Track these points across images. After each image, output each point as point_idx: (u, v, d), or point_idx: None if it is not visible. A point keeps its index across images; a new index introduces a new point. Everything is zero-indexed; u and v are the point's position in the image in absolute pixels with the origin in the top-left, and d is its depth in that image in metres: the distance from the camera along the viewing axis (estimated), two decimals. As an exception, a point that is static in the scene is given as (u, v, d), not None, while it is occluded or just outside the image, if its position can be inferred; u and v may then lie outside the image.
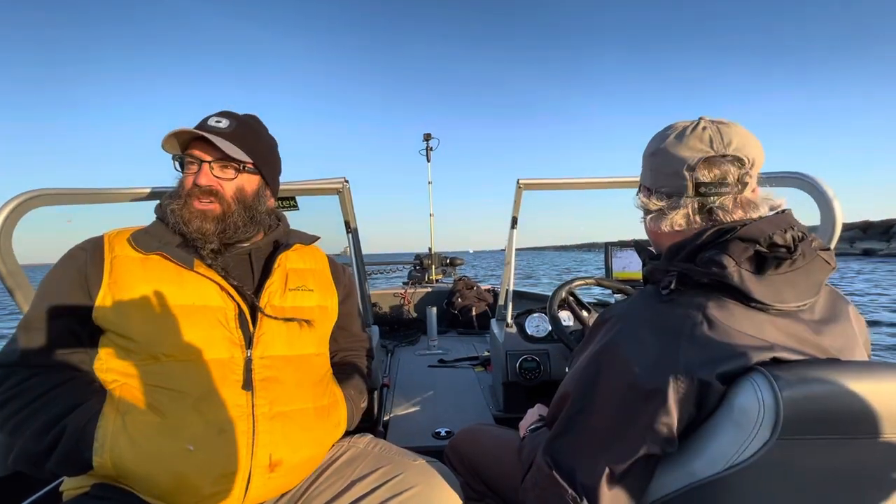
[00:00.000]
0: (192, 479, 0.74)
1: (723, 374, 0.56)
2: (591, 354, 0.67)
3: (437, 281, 4.29)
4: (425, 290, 3.65)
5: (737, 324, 0.59)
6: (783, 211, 0.68)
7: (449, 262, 4.62)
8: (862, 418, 0.52)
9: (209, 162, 0.90)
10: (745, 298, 0.60)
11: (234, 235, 0.92)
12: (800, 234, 0.63)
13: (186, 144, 0.93)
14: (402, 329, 3.21)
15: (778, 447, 0.52)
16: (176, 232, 0.89)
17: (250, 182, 0.95)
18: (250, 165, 0.94)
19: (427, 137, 4.67)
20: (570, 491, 0.62)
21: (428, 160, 4.72)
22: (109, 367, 0.80)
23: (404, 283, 4.04)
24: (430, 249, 4.63)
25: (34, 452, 0.73)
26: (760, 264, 0.61)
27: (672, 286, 0.63)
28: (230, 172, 0.93)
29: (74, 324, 0.81)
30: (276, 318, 0.90)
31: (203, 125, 0.92)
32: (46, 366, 0.79)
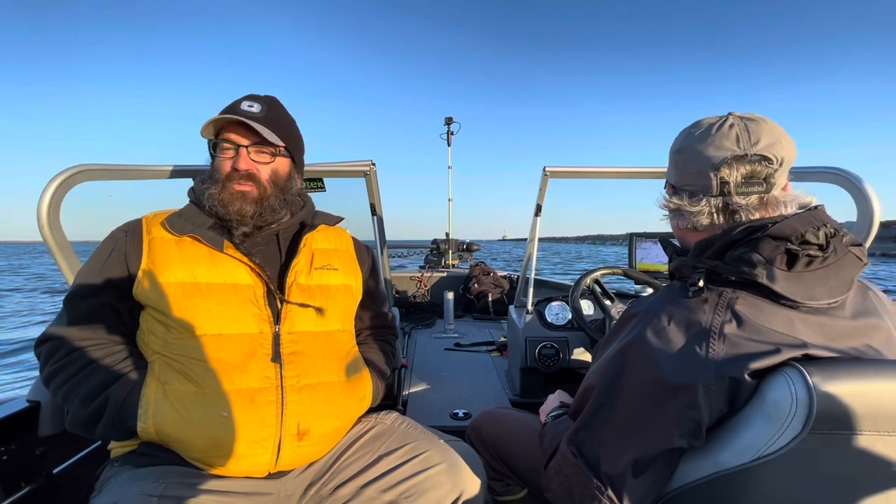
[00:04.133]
0: (227, 443, 0.79)
1: (754, 371, 0.56)
2: (618, 348, 0.67)
3: (453, 266, 4.32)
4: (441, 274, 3.68)
5: (767, 321, 0.59)
6: (816, 207, 0.67)
7: (465, 247, 4.64)
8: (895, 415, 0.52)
9: (246, 146, 0.93)
10: (775, 296, 0.60)
11: (270, 217, 0.95)
12: (832, 231, 0.62)
13: (220, 129, 0.95)
14: (419, 312, 3.26)
15: (808, 441, 0.53)
16: (213, 215, 0.92)
17: (283, 165, 0.99)
18: (283, 149, 0.97)
19: (448, 121, 4.63)
20: (594, 480, 0.63)
21: (448, 144, 4.70)
22: (149, 340, 0.85)
23: (421, 267, 4.07)
24: (447, 234, 4.65)
25: (82, 418, 0.80)
26: (791, 262, 0.60)
27: (700, 283, 0.63)
28: (266, 157, 0.95)
29: (116, 300, 0.86)
30: (297, 304, 0.92)
31: (237, 110, 0.94)
32: (90, 338, 0.84)
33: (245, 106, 0.94)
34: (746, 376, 0.56)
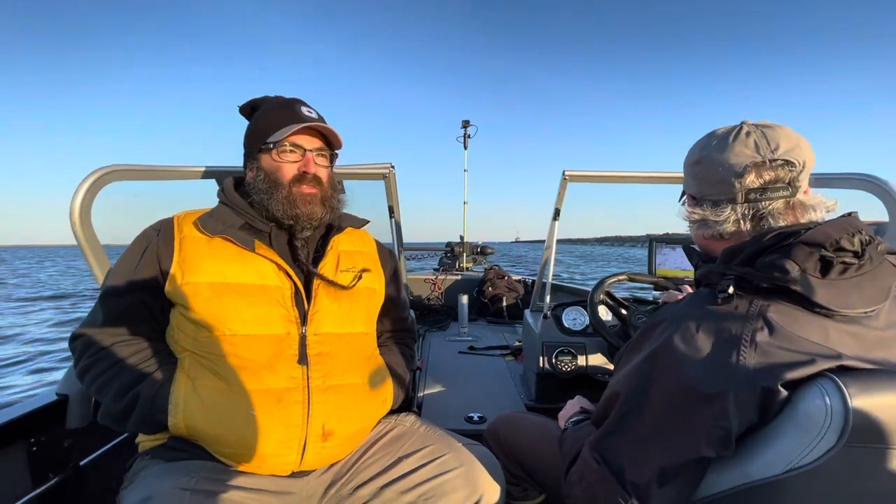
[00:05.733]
0: (255, 441, 0.80)
1: (787, 381, 0.55)
2: (645, 355, 0.67)
3: (467, 269, 4.31)
4: (455, 277, 3.67)
5: (800, 330, 0.58)
6: (850, 214, 0.65)
7: (480, 250, 4.62)
8: None
9: (312, 150, 0.96)
10: (809, 304, 0.58)
11: (331, 217, 1.00)
12: (867, 238, 0.61)
13: (270, 132, 0.95)
14: (433, 315, 3.26)
15: (844, 454, 0.51)
16: (272, 218, 0.95)
17: (330, 169, 1.02)
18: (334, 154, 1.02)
19: (465, 124, 4.62)
20: (618, 488, 0.63)
21: (465, 147, 4.69)
22: (179, 337, 0.87)
23: (435, 270, 4.08)
24: (461, 237, 4.64)
25: (115, 412, 0.82)
26: (826, 269, 0.59)
27: (730, 290, 0.62)
28: (326, 160, 0.99)
29: (148, 297, 0.88)
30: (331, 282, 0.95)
31: (302, 115, 0.96)
32: (123, 334, 0.87)
33: (305, 112, 0.97)
34: (780, 386, 0.55)
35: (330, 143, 1.00)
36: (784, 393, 0.55)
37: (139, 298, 0.88)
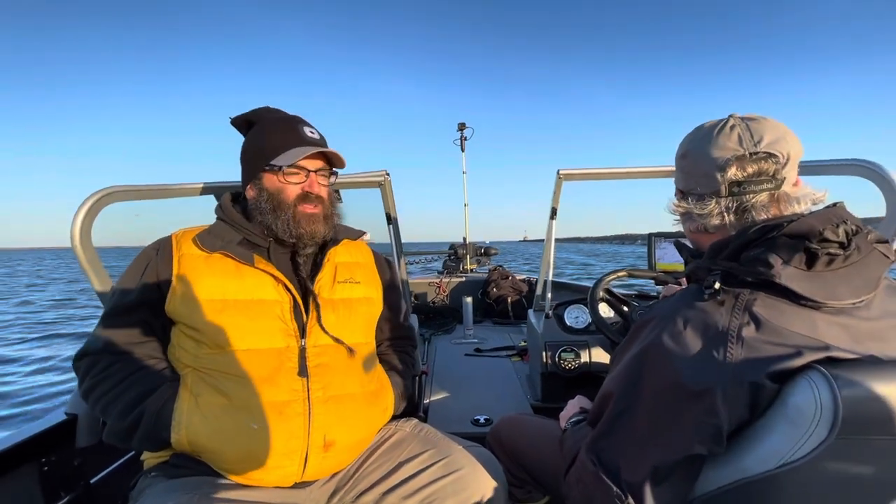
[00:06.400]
0: (257, 454, 0.81)
1: (774, 375, 0.55)
2: (635, 355, 0.67)
3: (471, 270, 4.31)
4: (460, 279, 3.67)
5: (787, 323, 0.57)
6: (835, 204, 0.65)
7: (483, 251, 4.62)
8: None
9: (315, 171, 0.98)
10: (794, 296, 0.58)
11: (332, 233, 1.02)
12: (854, 228, 0.61)
13: (275, 153, 0.96)
14: (438, 318, 3.27)
15: (835, 446, 0.51)
16: (272, 235, 0.96)
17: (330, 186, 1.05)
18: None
19: (461, 127, 4.64)
20: (614, 489, 0.62)
21: (462, 150, 4.71)
22: (180, 354, 0.88)
23: (439, 273, 4.08)
24: (464, 239, 4.65)
25: (119, 431, 0.83)
26: (811, 261, 0.59)
27: (716, 286, 0.62)
28: (327, 179, 1.01)
29: (149, 315, 0.90)
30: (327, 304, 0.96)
31: (306, 138, 0.97)
32: (126, 353, 0.88)
33: (308, 133, 0.98)
34: (767, 380, 0.55)
35: (331, 161, 1.01)
36: (773, 387, 0.55)
37: (140, 317, 0.89)
